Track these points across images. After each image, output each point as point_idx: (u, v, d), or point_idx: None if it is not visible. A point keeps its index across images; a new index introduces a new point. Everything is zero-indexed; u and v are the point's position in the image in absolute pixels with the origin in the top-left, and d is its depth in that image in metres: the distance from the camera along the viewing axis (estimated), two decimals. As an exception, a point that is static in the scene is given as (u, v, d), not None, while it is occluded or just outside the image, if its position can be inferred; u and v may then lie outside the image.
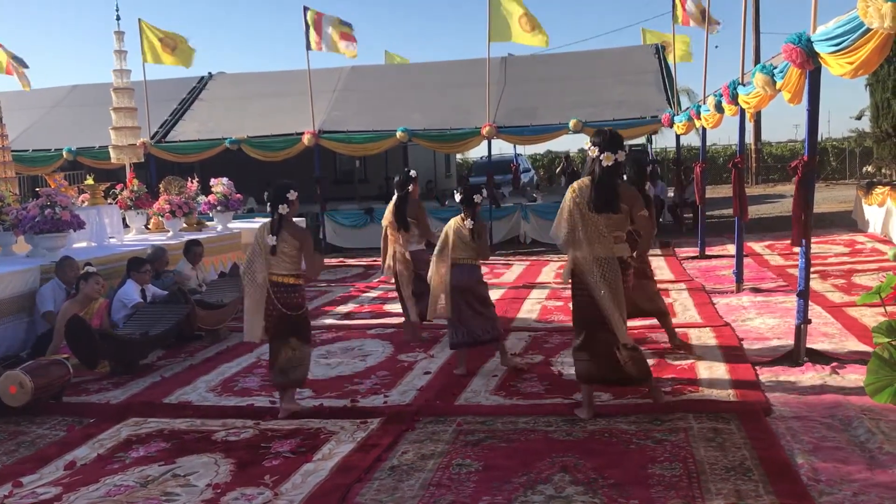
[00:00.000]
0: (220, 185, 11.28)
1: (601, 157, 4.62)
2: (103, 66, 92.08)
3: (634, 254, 4.98)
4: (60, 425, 5.24)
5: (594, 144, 4.68)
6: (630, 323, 7.36)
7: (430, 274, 6.19)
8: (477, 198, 6.07)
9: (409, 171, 7.31)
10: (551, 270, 11.30)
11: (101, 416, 5.34)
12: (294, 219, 5.28)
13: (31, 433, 5.11)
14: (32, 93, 18.87)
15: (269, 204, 5.18)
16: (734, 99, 7.94)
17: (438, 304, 6.13)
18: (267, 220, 5.28)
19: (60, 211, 8.00)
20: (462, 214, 6.09)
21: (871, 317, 6.87)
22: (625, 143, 5.06)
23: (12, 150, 10.28)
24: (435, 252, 6.20)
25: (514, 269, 11.66)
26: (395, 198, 7.26)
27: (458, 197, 6.13)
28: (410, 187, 7.19)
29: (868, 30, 4.22)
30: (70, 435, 5.01)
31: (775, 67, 6.07)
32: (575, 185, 4.75)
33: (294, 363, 5.17)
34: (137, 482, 4.16)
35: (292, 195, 5.16)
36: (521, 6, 13.84)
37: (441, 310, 6.13)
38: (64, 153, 16.10)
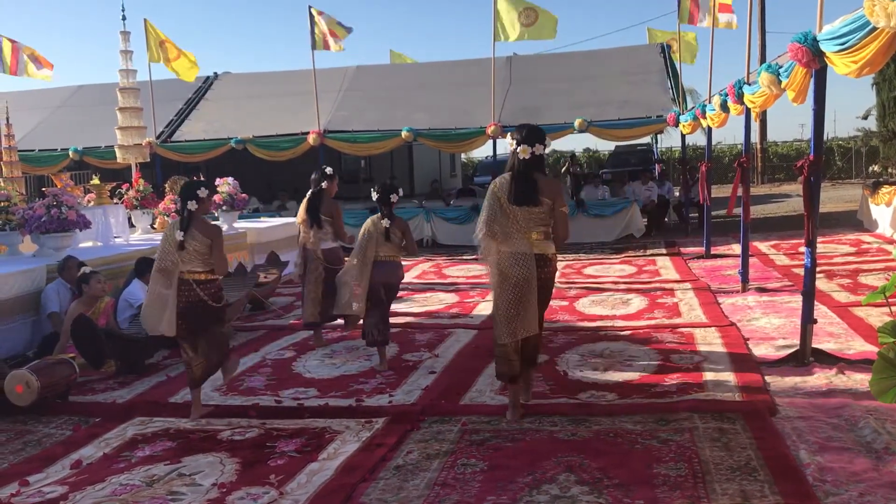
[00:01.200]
0: (225, 184, 11.30)
1: (518, 150, 4.69)
2: (109, 66, 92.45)
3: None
4: (66, 424, 5.25)
5: (513, 139, 4.75)
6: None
7: (342, 270, 6.39)
8: (393, 197, 6.19)
9: (325, 168, 7.16)
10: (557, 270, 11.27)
11: (107, 416, 5.36)
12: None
13: (37, 432, 5.13)
14: (38, 93, 18.97)
15: (179, 201, 5.26)
16: (740, 98, 7.92)
17: (352, 301, 6.21)
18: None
19: (66, 211, 8.03)
20: (379, 213, 6.23)
21: (877, 317, 6.85)
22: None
23: (19, 150, 10.32)
24: (354, 250, 6.30)
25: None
26: (308, 193, 7.09)
27: (374, 195, 6.25)
28: (325, 184, 7.02)
29: (874, 29, 4.20)
30: (76, 434, 5.03)
31: (781, 67, 6.06)
32: (497, 179, 4.83)
33: (213, 346, 5.30)
34: (143, 481, 4.17)
35: (203, 192, 5.19)
36: (520, 3, 13.76)
37: (356, 307, 6.22)
38: (70, 153, 16.15)
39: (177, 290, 5.12)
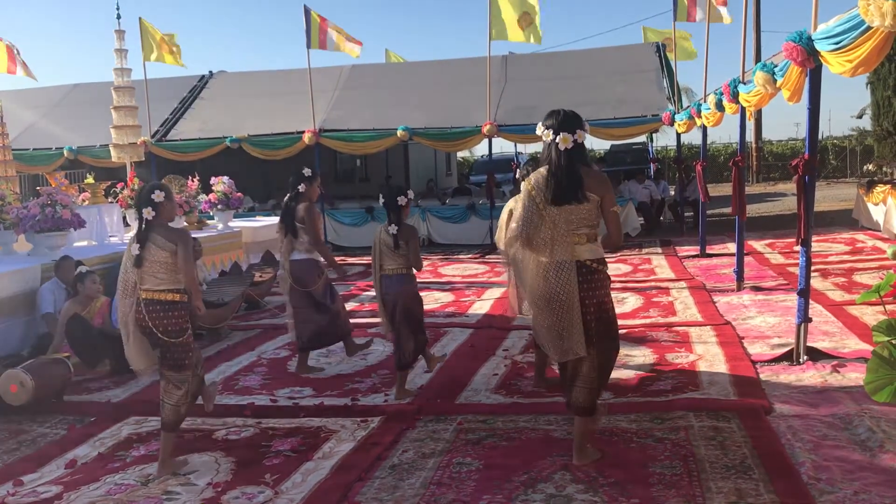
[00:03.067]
0: (220, 183, 11.29)
1: (557, 140, 3.90)
2: (104, 64, 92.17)
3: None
4: (61, 424, 5.24)
5: (547, 128, 3.95)
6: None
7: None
8: (401, 200, 5.37)
9: (303, 169, 6.36)
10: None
11: (102, 415, 5.35)
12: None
13: (32, 432, 5.11)
14: (33, 91, 18.91)
15: (135, 210, 4.42)
16: (735, 97, 7.93)
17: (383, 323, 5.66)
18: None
19: (61, 210, 8.01)
20: (387, 220, 5.46)
21: (871, 315, 6.87)
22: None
23: (13, 149, 10.28)
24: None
25: (515, 268, 11.65)
26: (286, 198, 6.32)
27: (381, 200, 5.49)
28: (301, 187, 6.21)
29: (868, 28, 4.21)
30: (71, 434, 5.02)
31: (776, 66, 6.06)
32: (531, 177, 3.99)
33: (165, 399, 4.36)
34: (138, 481, 4.17)
35: (159, 196, 4.27)
36: (522, 6, 13.81)
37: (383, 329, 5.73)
38: (65, 152, 16.11)
39: (134, 313, 4.27)
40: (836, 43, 4.65)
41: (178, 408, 4.34)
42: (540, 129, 4.01)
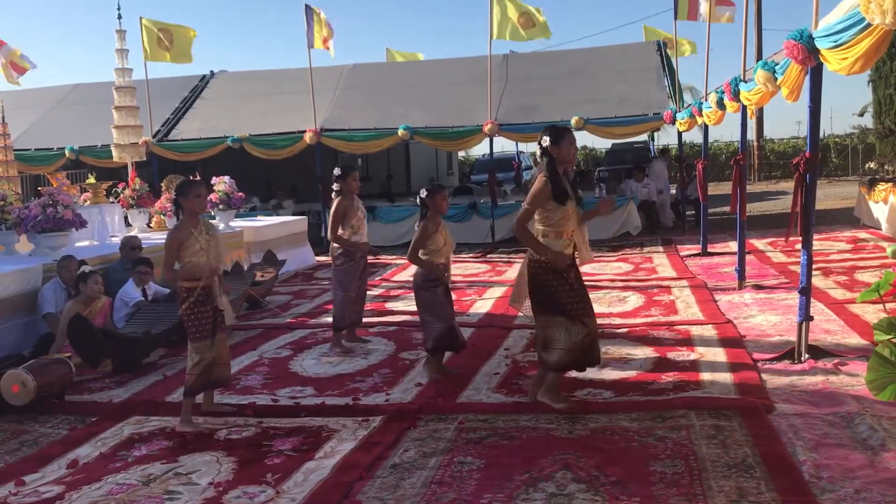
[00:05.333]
0: (222, 183, 11.30)
1: None
2: (105, 64, 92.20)
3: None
4: (63, 424, 5.25)
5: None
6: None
7: None
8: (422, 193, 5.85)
9: (335, 169, 7.09)
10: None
11: (104, 415, 5.35)
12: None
13: (33, 432, 5.12)
14: (35, 91, 18.90)
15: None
16: (736, 96, 7.92)
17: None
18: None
19: (62, 210, 8.02)
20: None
21: (873, 313, 6.86)
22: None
23: (14, 149, 10.30)
24: None
25: (517, 267, 11.64)
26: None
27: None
28: (335, 186, 6.94)
29: (867, 25, 4.20)
30: (72, 434, 5.02)
31: (777, 64, 6.06)
32: None
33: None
34: (140, 480, 4.17)
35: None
36: (521, 6, 13.81)
37: None
38: (66, 152, 16.10)
39: None
40: (835, 41, 4.65)
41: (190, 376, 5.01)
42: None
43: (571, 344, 4.79)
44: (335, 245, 6.92)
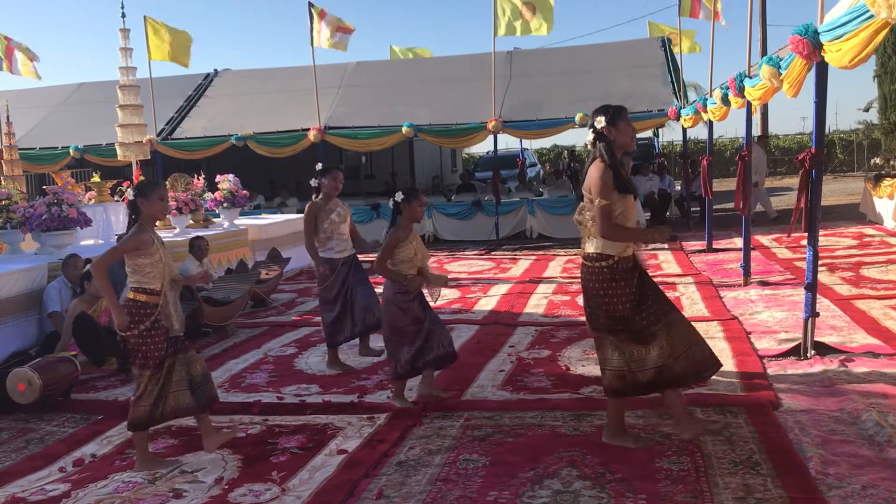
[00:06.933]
0: (226, 181, 11.30)
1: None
2: (109, 63, 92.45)
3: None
4: (69, 422, 5.26)
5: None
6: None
7: None
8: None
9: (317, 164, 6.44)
10: (558, 265, 11.28)
11: (109, 413, 5.36)
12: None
13: (39, 430, 5.13)
14: (39, 91, 18.94)
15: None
16: (741, 91, 7.89)
17: None
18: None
19: (67, 209, 8.03)
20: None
21: (879, 309, 6.84)
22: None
23: (19, 149, 10.32)
24: None
25: (521, 264, 11.65)
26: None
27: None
28: (313, 182, 6.27)
29: (870, 17, 4.17)
30: (78, 432, 5.03)
31: (781, 59, 6.03)
32: None
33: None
34: (145, 478, 4.18)
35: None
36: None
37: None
38: (71, 151, 16.14)
39: None
40: (838, 36, 4.62)
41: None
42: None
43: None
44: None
